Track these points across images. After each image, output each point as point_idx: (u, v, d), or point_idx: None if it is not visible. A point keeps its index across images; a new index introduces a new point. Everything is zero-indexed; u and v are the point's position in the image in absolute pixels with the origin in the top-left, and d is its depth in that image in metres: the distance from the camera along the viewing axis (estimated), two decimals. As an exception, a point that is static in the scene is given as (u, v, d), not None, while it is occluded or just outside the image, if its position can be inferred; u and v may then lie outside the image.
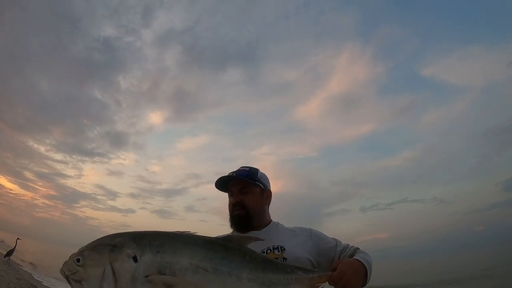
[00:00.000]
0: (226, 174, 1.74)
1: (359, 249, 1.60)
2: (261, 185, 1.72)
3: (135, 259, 1.07)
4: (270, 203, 1.82)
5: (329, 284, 1.40)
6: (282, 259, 1.54)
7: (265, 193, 1.75)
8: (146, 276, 1.06)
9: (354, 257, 1.50)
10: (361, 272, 1.42)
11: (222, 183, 1.73)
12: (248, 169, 1.73)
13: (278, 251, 1.57)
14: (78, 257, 1.08)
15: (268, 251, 1.58)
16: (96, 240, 1.17)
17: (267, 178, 1.79)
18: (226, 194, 1.79)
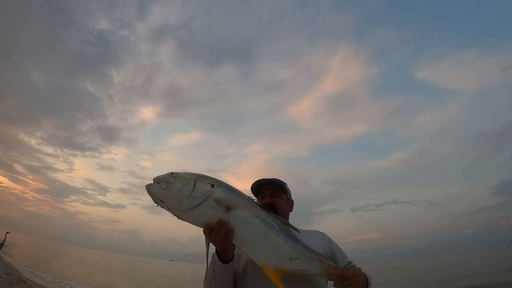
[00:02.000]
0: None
1: (361, 269, 1.79)
2: (287, 194, 2.01)
3: (212, 186, 1.45)
4: (292, 211, 2.06)
5: (337, 279, 1.65)
6: None
7: (290, 202, 2.03)
8: (215, 198, 1.42)
9: (363, 272, 1.71)
10: (365, 285, 1.67)
11: (257, 187, 1.98)
12: (279, 179, 2.01)
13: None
14: (172, 172, 1.46)
15: None
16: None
17: (291, 192, 2.08)
18: None
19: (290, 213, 2.04)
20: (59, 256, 46.16)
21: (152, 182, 1.42)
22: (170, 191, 1.39)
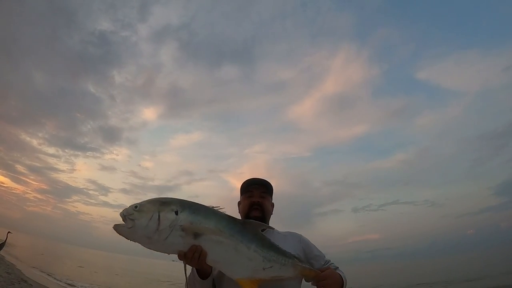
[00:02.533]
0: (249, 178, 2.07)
1: (339, 268, 1.86)
2: (272, 197, 2.06)
3: (176, 213, 1.45)
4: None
5: (312, 281, 1.69)
6: None
7: (272, 205, 2.07)
8: (181, 226, 1.43)
9: (338, 272, 1.75)
10: (340, 285, 1.70)
11: (249, 184, 2.03)
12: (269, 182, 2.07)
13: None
14: (136, 205, 1.45)
15: None
16: (151, 198, 1.54)
17: None
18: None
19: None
20: (60, 256, 46.23)
21: (121, 218, 1.43)
22: (137, 229, 1.40)
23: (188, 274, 1.58)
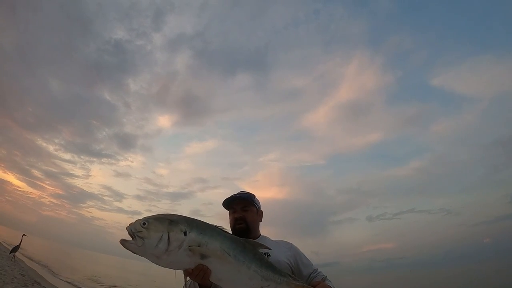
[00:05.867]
0: (230, 195, 2.20)
1: (327, 277, 1.97)
2: (256, 206, 2.20)
3: (185, 233, 1.50)
4: (262, 220, 2.28)
5: None
6: None
7: (259, 212, 2.25)
8: (189, 246, 1.48)
9: (327, 284, 1.85)
10: None
11: (228, 202, 2.19)
12: (248, 192, 2.23)
13: (265, 256, 1.91)
14: (144, 221, 1.48)
15: None
16: (158, 214, 1.58)
17: (259, 202, 2.29)
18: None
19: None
20: (73, 259, 46.82)
21: (127, 232, 1.46)
22: (147, 249, 1.44)
23: (187, 286, 1.73)
